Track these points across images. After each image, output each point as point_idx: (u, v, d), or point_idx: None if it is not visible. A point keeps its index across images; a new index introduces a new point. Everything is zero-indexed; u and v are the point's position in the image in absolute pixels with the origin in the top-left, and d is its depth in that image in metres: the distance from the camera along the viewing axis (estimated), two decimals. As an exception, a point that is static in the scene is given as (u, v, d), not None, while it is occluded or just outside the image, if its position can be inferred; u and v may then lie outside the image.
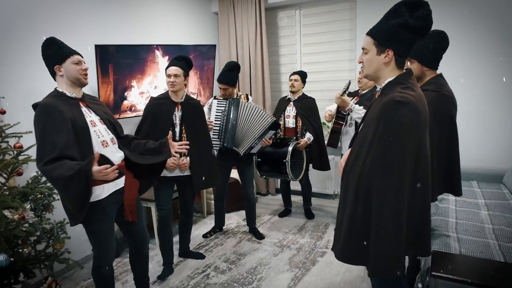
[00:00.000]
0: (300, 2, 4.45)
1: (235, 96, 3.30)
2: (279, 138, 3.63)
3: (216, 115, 3.20)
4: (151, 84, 3.47)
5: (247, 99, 3.41)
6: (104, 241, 2.11)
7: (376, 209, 1.43)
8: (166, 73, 2.69)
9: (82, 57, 2.06)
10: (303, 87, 3.74)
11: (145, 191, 2.35)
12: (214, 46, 4.07)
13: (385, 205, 1.41)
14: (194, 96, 3.98)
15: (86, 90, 3.08)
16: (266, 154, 3.47)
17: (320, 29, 4.47)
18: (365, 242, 1.48)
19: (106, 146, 2.02)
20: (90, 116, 2.03)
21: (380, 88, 1.55)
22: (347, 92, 3.07)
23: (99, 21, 3.23)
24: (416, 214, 1.48)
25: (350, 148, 1.76)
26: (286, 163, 3.30)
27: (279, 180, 4.24)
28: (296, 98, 3.72)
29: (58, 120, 1.87)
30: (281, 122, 3.74)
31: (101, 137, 2.01)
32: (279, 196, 4.85)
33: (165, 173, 2.65)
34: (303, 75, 3.71)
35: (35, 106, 1.91)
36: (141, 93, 3.36)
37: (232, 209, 4.27)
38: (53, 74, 2.03)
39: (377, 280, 1.69)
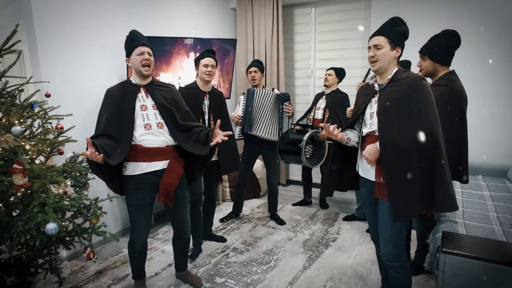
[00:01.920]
0: (316, 0, 4.62)
1: (262, 87, 3.50)
2: (305, 125, 3.78)
3: (242, 108, 3.41)
4: (175, 74, 3.66)
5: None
6: (134, 216, 2.30)
7: (442, 157, 1.79)
8: (200, 63, 2.83)
9: (149, 48, 2.25)
10: (338, 82, 3.89)
11: (193, 180, 2.54)
12: (235, 40, 4.25)
13: (444, 151, 1.81)
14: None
15: (114, 77, 3.32)
16: (287, 138, 3.63)
17: (335, 27, 4.64)
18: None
19: (148, 129, 2.21)
20: (145, 101, 2.24)
21: (390, 77, 1.91)
22: (368, 77, 3.14)
23: (130, 13, 3.42)
24: None
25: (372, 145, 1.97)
26: (301, 148, 3.44)
27: (299, 173, 4.36)
28: (329, 92, 3.88)
29: (107, 103, 2.22)
30: (312, 114, 3.93)
31: (146, 120, 2.20)
32: (290, 187, 5.07)
33: None
34: (338, 71, 3.86)
35: None
36: (169, 83, 3.54)
37: (246, 197, 4.45)
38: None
39: (394, 227, 1.93)
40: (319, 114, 3.89)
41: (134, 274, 2.51)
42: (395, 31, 1.87)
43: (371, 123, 1.97)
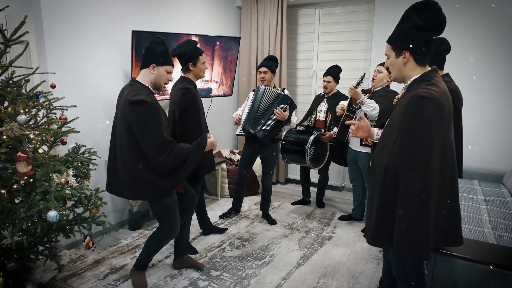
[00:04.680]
0: (321, 1, 4.66)
1: (272, 87, 3.53)
2: (307, 126, 3.80)
3: (249, 105, 3.44)
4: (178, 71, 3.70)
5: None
6: (175, 213, 2.42)
7: (402, 197, 1.53)
8: (199, 60, 2.76)
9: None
10: (336, 85, 3.91)
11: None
12: (239, 38, 4.30)
13: (411, 193, 1.51)
14: (217, 85, 4.22)
15: (119, 71, 3.37)
16: (290, 138, 3.67)
17: (338, 29, 4.68)
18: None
19: None
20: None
21: (406, 85, 1.67)
22: (361, 84, 3.20)
23: (136, 8, 3.47)
24: (446, 204, 1.60)
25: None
26: (306, 150, 3.49)
27: (298, 171, 4.41)
28: (330, 95, 3.91)
29: (162, 116, 2.29)
30: (313, 116, 3.96)
31: None
32: (288, 185, 5.12)
33: None
34: (335, 74, 3.86)
35: (142, 102, 2.13)
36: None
37: (245, 194, 4.50)
38: (145, 66, 2.27)
39: (397, 263, 1.82)
40: (320, 117, 3.91)
41: (143, 264, 2.58)
42: (398, 33, 1.63)
43: None
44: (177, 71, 2.93)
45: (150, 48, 2.26)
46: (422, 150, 1.51)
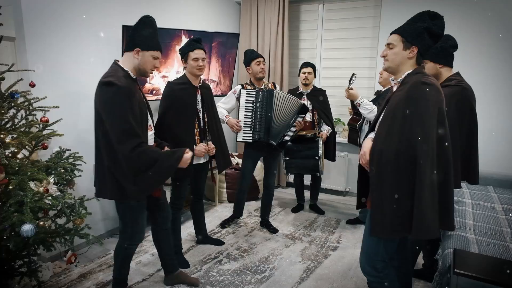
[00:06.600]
0: (324, -4, 4.44)
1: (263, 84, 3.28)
2: (299, 134, 3.59)
3: (246, 106, 3.12)
4: (173, 68, 3.47)
5: (274, 87, 3.35)
6: (140, 217, 2.16)
7: (420, 177, 1.59)
8: (189, 57, 2.56)
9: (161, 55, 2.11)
10: (313, 79, 3.73)
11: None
12: (238, 35, 4.07)
13: (427, 172, 1.58)
14: (214, 84, 3.99)
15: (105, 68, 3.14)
16: (295, 151, 3.45)
17: (343, 25, 4.45)
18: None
19: (150, 130, 2.14)
20: (144, 100, 2.13)
21: (400, 80, 1.76)
22: (352, 83, 3.13)
23: (127, 1, 3.24)
24: (440, 188, 1.65)
25: (367, 137, 1.91)
26: (319, 159, 3.32)
27: (291, 175, 4.22)
28: (309, 91, 3.68)
29: (134, 104, 1.94)
30: None
31: (149, 121, 2.12)
32: (290, 189, 4.88)
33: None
34: (314, 67, 3.71)
35: (110, 84, 1.87)
36: (163, 76, 3.36)
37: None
38: (128, 49, 2.02)
39: (371, 239, 1.84)
40: (307, 116, 3.63)
41: (120, 281, 2.34)
42: (413, 28, 1.71)
43: None
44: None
45: (136, 29, 1.99)
46: (430, 132, 1.60)
